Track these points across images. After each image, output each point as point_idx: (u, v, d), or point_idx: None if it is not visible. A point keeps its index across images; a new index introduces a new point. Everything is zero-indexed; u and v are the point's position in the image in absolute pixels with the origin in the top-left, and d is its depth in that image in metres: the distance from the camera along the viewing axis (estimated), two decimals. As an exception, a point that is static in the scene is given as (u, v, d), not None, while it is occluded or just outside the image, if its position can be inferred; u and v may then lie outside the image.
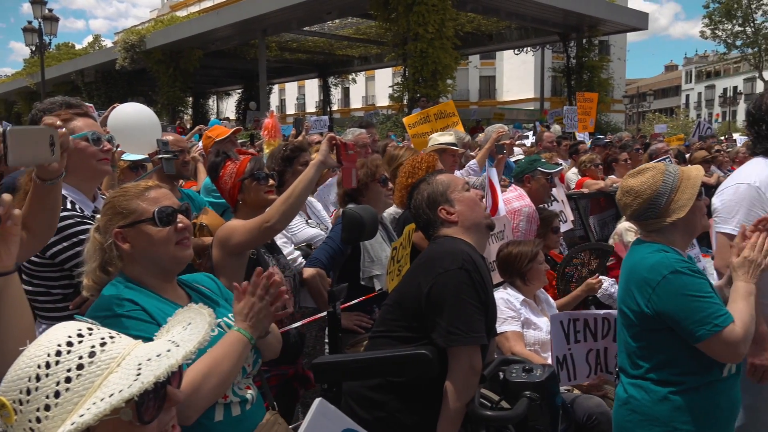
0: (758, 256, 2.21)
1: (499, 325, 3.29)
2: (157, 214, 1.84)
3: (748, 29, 31.19)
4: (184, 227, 1.89)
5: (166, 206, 1.87)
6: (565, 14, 19.52)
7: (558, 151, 8.09)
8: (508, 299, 3.39)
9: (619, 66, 40.06)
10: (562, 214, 4.77)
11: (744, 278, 2.20)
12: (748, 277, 2.20)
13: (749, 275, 2.20)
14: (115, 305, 1.73)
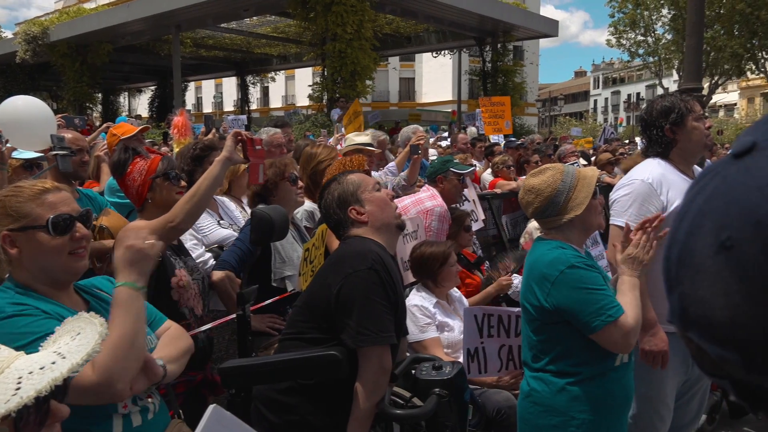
0: (640, 253, 2.37)
1: (417, 333, 3.32)
2: (51, 222, 1.72)
3: (650, 39, 33.07)
4: (81, 237, 1.78)
5: (62, 214, 1.74)
6: (480, 19, 20.06)
7: (473, 153, 8.29)
8: (422, 305, 3.41)
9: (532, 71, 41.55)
10: (473, 214, 4.88)
11: (629, 272, 2.37)
12: (632, 272, 2.37)
13: (633, 270, 2.37)
14: (5, 306, 1.62)
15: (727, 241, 0.43)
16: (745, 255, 0.42)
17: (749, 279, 0.41)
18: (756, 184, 0.43)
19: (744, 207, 0.42)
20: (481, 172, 7.63)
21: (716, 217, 0.44)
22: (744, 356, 0.43)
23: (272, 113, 37.64)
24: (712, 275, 0.43)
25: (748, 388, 0.44)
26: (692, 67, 7.26)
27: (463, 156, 6.47)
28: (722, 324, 0.43)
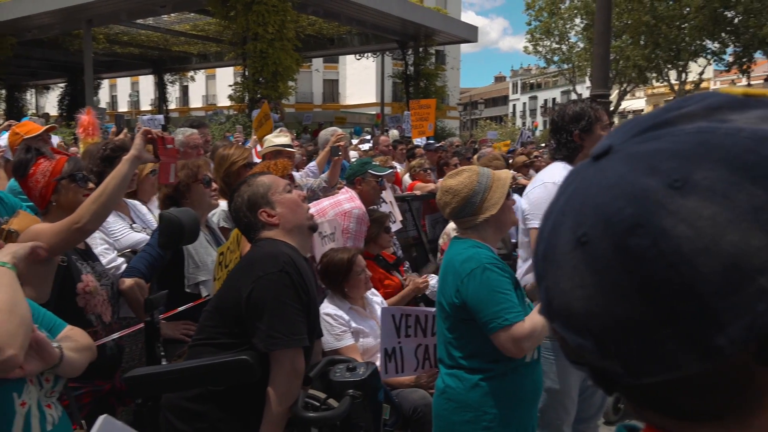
0: None
1: (333, 341, 3.30)
2: None
3: (564, 47, 34.48)
4: None
5: None
6: (402, 23, 20.30)
7: (394, 155, 8.38)
8: (335, 313, 3.37)
9: (453, 75, 42.43)
10: (391, 215, 4.93)
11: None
12: None
13: None
14: None
15: (583, 237, 0.46)
16: (598, 250, 0.45)
17: (601, 272, 0.45)
18: (607, 184, 0.46)
19: (596, 205, 0.46)
20: (403, 174, 7.73)
21: (574, 215, 0.47)
22: (598, 344, 0.46)
23: (192, 113, 36.61)
24: (571, 269, 0.47)
25: (603, 373, 0.48)
26: (600, 75, 7.65)
27: (384, 158, 6.53)
28: (579, 314, 0.46)
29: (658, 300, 0.43)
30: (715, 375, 0.44)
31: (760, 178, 0.42)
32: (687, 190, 0.43)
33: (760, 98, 0.48)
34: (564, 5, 33.08)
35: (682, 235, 0.42)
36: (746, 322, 0.42)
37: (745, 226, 0.42)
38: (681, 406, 0.47)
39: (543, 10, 33.58)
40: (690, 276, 0.42)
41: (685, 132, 0.46)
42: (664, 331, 0.43)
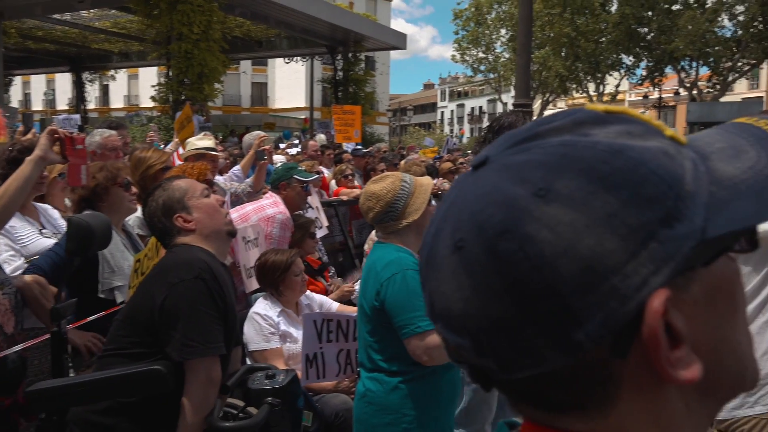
0: None
1: (260, 342, 3.26)
2: None
3: (490, 57, 35.43)
4: None
5: None
6: (332, 28, 20.29)
7: (322, 160, 8.36)
8: (265, 314, 3.35)
9: (383, 81, 42.81)
10: (317, 221, 4.91)
11: None
12: None
13: None
14: None
15: (459, 242, 0.48)
16: (472, 254, 0.48)
17: (475, 275, 0.47)
18: (481, 192, 0.49)
19: (472, 212, 0.49)
20: (330, 179, 7.72)
21: (453, 221, 0.50)
22: (474, 343, 0.49)
23: (113, 114, 35.21)
24: (450, 273, 0.49)
25: (480, 370, 0.51)
26: (522, 85, 7.91)
27: (311, 163, 6.51)
28: (458, 315, 0.49)
29: (525, 300, 0.46)
30: (577, 368, 0.47)
31: (613, 187, 0.46)
32: (550, 198, 0.46)
33: (619, 115, 0.52)
34: (490, 16, 34.02)
35: (545, 239, 0.45)
36: (601, 318, 0.45)
37: (600, 231, 0.45)
38: (550, 399, 0.50)
39: (470, 20, 34.43)
40: (551, 277, 0.45)
41: (551, 144, 0.49)
42: (531, 329, 0.46)
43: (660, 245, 0.45)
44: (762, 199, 0.48)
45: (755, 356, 0.54)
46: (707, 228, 0.46)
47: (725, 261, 0.50)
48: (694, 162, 0.49)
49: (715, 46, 26.81)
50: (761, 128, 0.53)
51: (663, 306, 0.45)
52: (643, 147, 0.48)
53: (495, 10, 33.78)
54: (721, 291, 0.50)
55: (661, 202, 0.46)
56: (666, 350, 0.46)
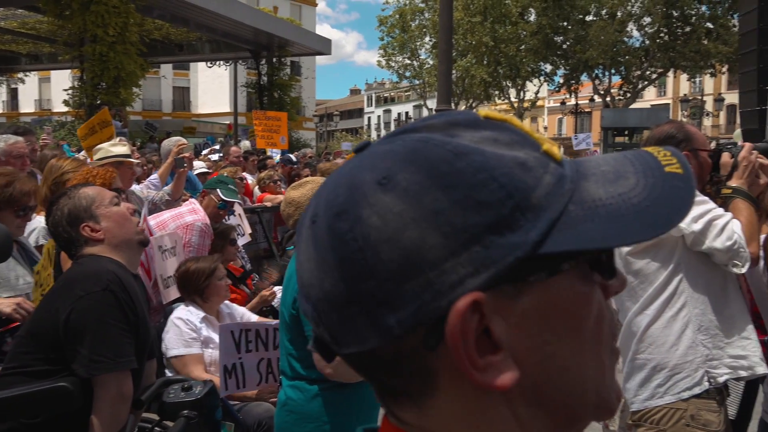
0: None
1: (181, 347, 3.17)
2: None
3: (415, 63, 35.92)
4: None
5: None
6: (255, 32, 20.02)
7: (245, 166, 8.23)
8: (188, 319, 3.27)
9: (309, 86, 42.61)
10: (239, 228, 4.83)
11: None
12: None
13: None
14: None
15: (314, 217, 0.51)
16: (319, 229, 0.50)
17: (318, 248, 0.50)
18: (341, 173, 0.52)
19: (328, 191, 0.52)
20: (254, 185, 7.61)
21: (317, 198, 0.53)
22: (315, 312, 0.51)
23: (22, 119, 33.34)
24: (305, 244, 0.52)
25: (321, 340, 0.53)
26: (444, 91, 8.06)
27: (233, 169, 6.39)
28: (306, 284, 0.52)
29: (350, 278, 0.48)
30: (397, 354, 0.49)
31: (448, 186, 0.47)
32: (389, 187, 0.48)
33: (496, 122, 0.53)
34: (414, 23, 34.49)
35: (373, 224, 0.47)
36: (414, 308, 0.46)
37: (425, 226, 0.46)
38: (382, 382, 0.53)
39: (395, 27, 34.78)
40: (373, 261, 0.47)
41: (411, 139, 0.51)
42: (354, 307, 0.48)
43: (484, 249, 0.46)
44: (615, 225, 0.48)
45: (607, 383, 0.53)
46: (544, 243, 0.47)
47: (572, 281, 0.50)
48: (560, 178, 0.50)
49: (625, 56, 28.27)
50: (657, 159, 0.54)
51: (467, 307, 0.46)
52: (496, 154, 0.49)
53: (418, 18, 34.30)
54: (556, 308, 0.50)
55: (494, 209, 0.47)
56: (469, 351, 0.46)
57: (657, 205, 0.50)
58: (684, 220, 1.79)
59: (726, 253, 2.13)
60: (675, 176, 0.52)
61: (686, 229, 2.17)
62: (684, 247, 2.23)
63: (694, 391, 2.20)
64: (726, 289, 2.26)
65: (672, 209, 0.50)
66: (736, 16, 18.43)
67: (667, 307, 2.26)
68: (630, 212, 0.49)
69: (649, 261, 2.28)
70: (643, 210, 0.49)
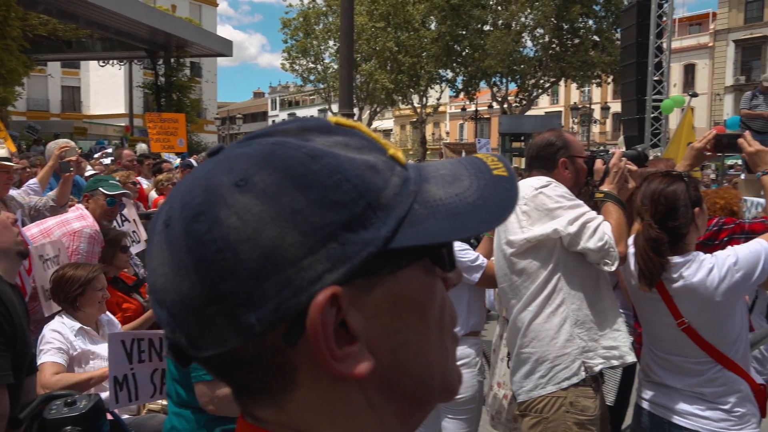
0: None
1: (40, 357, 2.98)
2: None
3: (319, 67, 35.84)
4: None
5: None
6: (151, 31, 19.26)
7: (140, 170, 7.91)
8: (60, 330, 3.07)
9: (210, 88, 41.49)
10: (135, 234, 4.64)
11: None
12: None
13: None
14: None
15: (168, 220, 0.52)
16: (174, 232, 0.51)
17: (174, 252, 0.50)
18: (196, 176, 0.53)
19: (182, 193, 0.52)
20: (149, 190, 7.32)
21: (170, 200, 0.54)
22: (170, 317, 0.52)
23: None
24: (158, 248, 0.52)
25: (177, 345, 0.53)
26: (345, 95, 8.12)
27: (125, 174, 6.12)
28: (159, 289, 0.52)
29: (208, 280, 0.49)
30: (257, 352, 0.50)
31: (304, 187, 0.49)
32: (246, 189, 0.49)
33: (347, 128, 0.56)
34: (318, 27, 34.44)
35: (232, 225, 0.48)
36: (273, 305, 0.48)
37: (283, 225, 0.48)
38: (240, 382, 0.54)
39: (298, 30, 34.58)
40: (232, 261, 0.48)
41: (267, 142, 0.53)
42: (213, 309, 0.49)
43: (340, 246, 0.49)
44: (455, 222, 0.53)
45: (450, 366, 0.59)
46: (393, 239, 0.50)
47: (417, 274, 0.54)
48: (405, 180, 0.54)
49: (521, 65, 29.57)
50: (486, 163, 0.60)
51: (326, 301, 0.48)
52: (348, 158, 0.52)
53: (322, 21, 34.28)
54: (406, 299, 0.53)
55: (349, 208, 0.50)
56: (329, 343, 0.49)
57: (488, 203, 0.55)
58: (560, 222, 1.92)
59: (598, 252, 2.30)
60: (502, 178, 0.58)
61: (563, 231, 2.32)
62: (562, 247, 2.38)
63: (572, 381, 2.36)
64: (599, 285, 2.44)
65: (501, 207, 0.56)
66: (619, 30, 19.77)
67: (548, 303, 2.41)
68: (466, 210, 0.54)
69: (531, 261, 2.42)
70: (478, 208, 0.55)
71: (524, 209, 2.40)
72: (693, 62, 41.57)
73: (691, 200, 2.27)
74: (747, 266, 2.20)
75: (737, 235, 2.68)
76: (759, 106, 9.61)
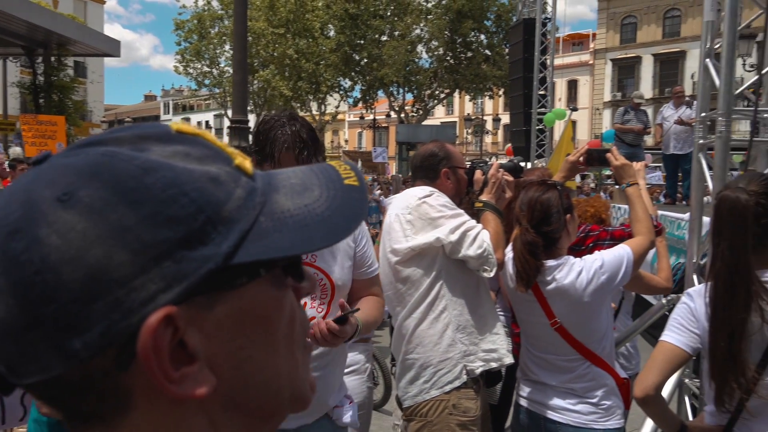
0: None
1: None
2: None
3: (215, 71, 34.91)
4: None
5: None
6: (29, 27, 17.93)
7: (14, 176, 7.37)
8: None
9: (96, 90, 39.27)
10: None
11: None
12: None
13: None
14: None
15: None
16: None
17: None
18: (15, 188, 0.49)
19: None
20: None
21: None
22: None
23: None
24: None
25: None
26: (239, 101, 7.95)
27: (-5, 179, 5.68)
28: None
29: (27, 303, 0.45)
30: (86, 377, 0.47)
31: (135, 202, 0.46)
32: (70, 204, 0.46)
33: (189, 136, 0.53)
34: (214, 30, 33.59)
35: (53, 244, 0.45)
36: (102, 328, 0.45)
37: (111, 243, 0.45)
38: (71, 408, 0.50)
39: (192, 32, 33.56)
40: (54, 283, 0.45)
41: (96, 152, 0.50)
42: (33, 334, 0.45)
43: (175, 264, 0.46)
44: (301, 234, 0.52)
45: (301, 377, 0.58)
46: (236, 254, 0.49)
47: (264, 287, 0.53)
48: (251, 192, 0.52)
49: (417, 75, 30.30)
50: (338, 172, 0.59)
51: (159, 322, 0.46)
52: (187, 169, 0.49)
53: (218, 25, 33.48)
54: (250, 314, 0.52)
55: (185, 223, 0.47)
56: (163, 366, 0.47)
57: (337, 214, 0.54)
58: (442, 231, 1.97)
59: (478, 259, 2.40)
60: (352, 188, 0.58)
61: (445, 240, 2.40)
62: (444, 255, 2.46)
63: (454, 384, 2.44)
64: (479, 291, 2.55)
65: (349, 218, 0.55)
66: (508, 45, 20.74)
67: (431, 309, 2.48)
68: (314, 221, 0.53)
69: (415, 268, 2.49)
70: (326, 219, 0.54)
71: (408, 218, 2.46)
72: (576, 78, 44.43)
73: (563, 207, 2.42)
74: (611, 269, 2.36)
75: (603, 240, 2.88)
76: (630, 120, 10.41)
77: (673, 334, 2.03)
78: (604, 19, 42.70)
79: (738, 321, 1.85)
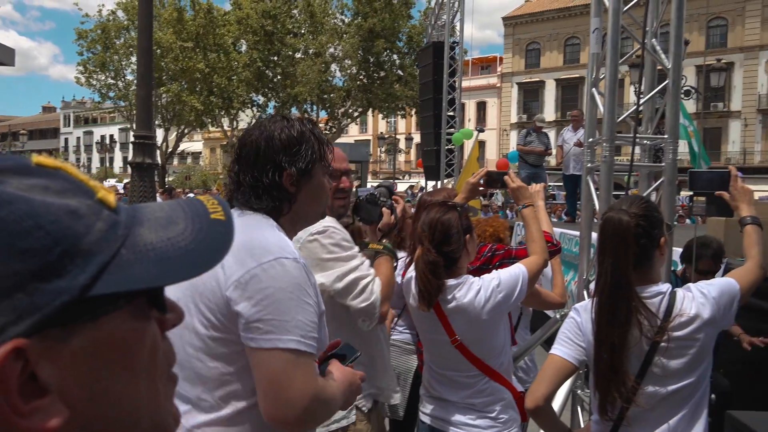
0: None
1: None
2: None
3: (121, 84, 33.54)
4: None
5: None
6: None
7: None
8: None
9: (-12, 100, 36.78)
10: None
11: None
12: None
13: None
14: None
15: None
16: None
17: None
18: None
19: None
20: None
21: None
22: None
23: None
24: None
25: None
26: (143, 116, 7.69)
27: None
28: None
29: None
30: None
31: None
32: None
33: (49, 170, 0.53)
34: (119, 41, 32.35)
35: None
36: None
37: None
38: None
39: (96, 42, 32.15)
40: None
41: None
42: None
43: (27, 296, 0.46)
44: (161, 266, 0.53)
45: (163, 408, 0.58)
46: (93, 286, 0.49)
47: (123, 319, 0.53)
48: (113, 225, 0.53)
49: (331, 94, 30.42)
50: (205, 206, 0.61)
51: (7, 355, 0.45)
52: (45, 202, 0.49)
53: (123, 36, 32.27)
54: (108, 346, 0.52)
55: (41, 256, 0.47)
56: (11, 399, 0.46)
57: (201, 248, 0.56)
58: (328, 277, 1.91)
59: (361, 312, 2.31)
60: (218, 222, 0.59)
61: (329, 287, 2.26)
62: (329, 297, 2.29)
63: (341, 424, 2.38)
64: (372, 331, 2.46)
65: (213, 251, 0.56)
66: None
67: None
68: (176, 254, 0.54)
69: None
70: (189, 252, 0.55)
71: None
72: (485, 100, 46.15)
73: (463, 228, 2.50)
74: (508, 288, 2.46)
75: (506, 260, 2.99)
76: (532, 142, 10.91)
77: (560, 347, 2.14)
78: (510, 45, 44.74)
79: (619, 334, 1.98)
